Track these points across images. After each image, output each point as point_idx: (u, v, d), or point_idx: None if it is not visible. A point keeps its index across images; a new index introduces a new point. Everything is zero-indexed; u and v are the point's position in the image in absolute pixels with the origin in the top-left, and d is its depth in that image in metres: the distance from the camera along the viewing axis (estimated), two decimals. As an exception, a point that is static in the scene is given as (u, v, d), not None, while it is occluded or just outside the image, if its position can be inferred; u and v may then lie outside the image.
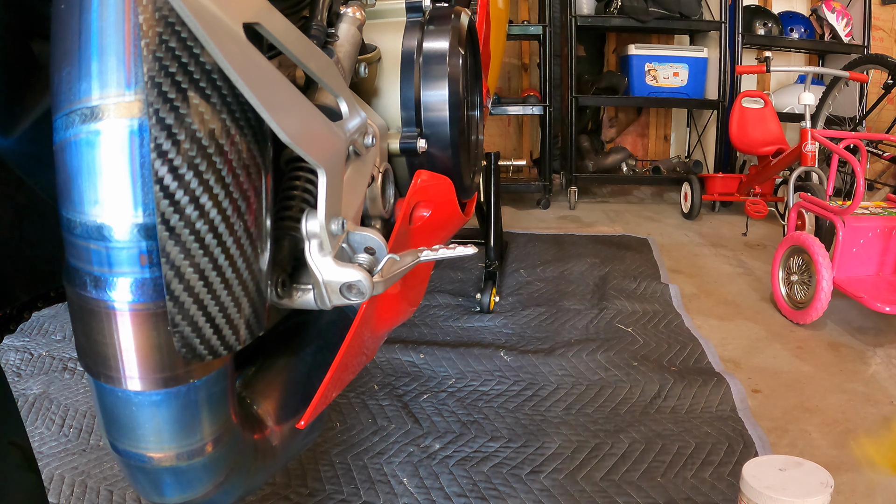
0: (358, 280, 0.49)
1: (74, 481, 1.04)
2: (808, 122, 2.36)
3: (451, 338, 1.57)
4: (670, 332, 1.61)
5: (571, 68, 3.19)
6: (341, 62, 0.60)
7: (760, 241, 2.56)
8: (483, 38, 1.11)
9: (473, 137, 0.91)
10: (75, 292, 0.40)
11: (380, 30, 0.72)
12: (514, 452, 1.11)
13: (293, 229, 0.52)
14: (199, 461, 0.44)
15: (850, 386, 1.35)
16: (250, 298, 0.43)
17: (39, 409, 1.27)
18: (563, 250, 2.32)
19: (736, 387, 1.30)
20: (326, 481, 1.04)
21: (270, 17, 0.40)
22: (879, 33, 3.46)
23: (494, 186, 1.93)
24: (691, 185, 2.91)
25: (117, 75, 0.37)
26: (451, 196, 0.77)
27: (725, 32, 3.17)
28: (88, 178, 0.38)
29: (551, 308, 1.75)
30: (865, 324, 1.68)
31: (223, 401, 0.46)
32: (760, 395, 1.32)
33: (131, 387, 0.41)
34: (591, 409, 1.24)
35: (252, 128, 0.42)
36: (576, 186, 3.20)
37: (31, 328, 1.64)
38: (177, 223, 0.38)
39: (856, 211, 1.66)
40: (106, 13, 0.37)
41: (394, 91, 0.70)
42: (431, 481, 1.04)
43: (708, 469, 1.05)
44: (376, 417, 1.22)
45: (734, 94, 3.12)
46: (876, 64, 2.51)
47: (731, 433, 1.14)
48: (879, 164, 3.15)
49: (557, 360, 1.42)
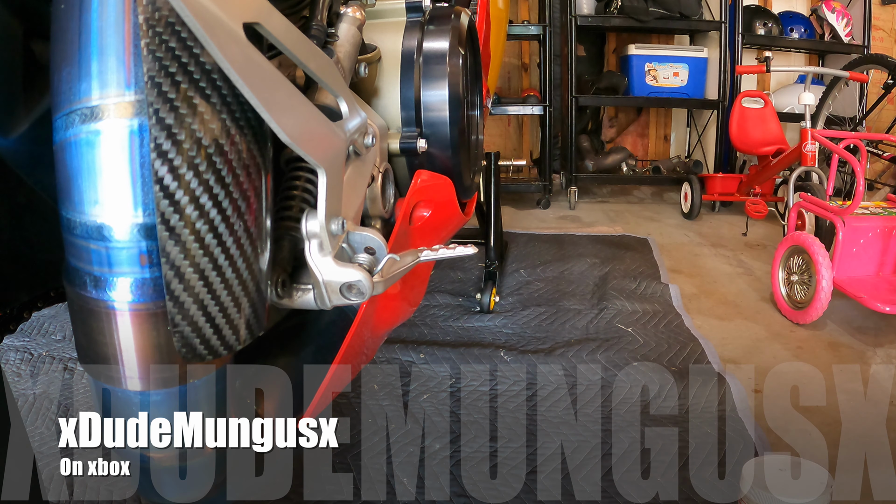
0: (358, 280, 0.49)
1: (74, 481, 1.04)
2: (808, 122, 2.36)
3: (451, 338, 1.57)
4: (670, 332, 1.61)
5: (571, 68, 3.19)
6: (341, 62, 0.60)
7: (760, 241, 2.56)
8: (483, 38, 1.11)
9: (473, 137, 0.91)
10: (75, 292, 0.40)
11: (380, 30, 0.72)
12: (514, 452, 1.11)
13: (293, 229, 0.52)
14: (199, 461, 0.44)
15: (850, 386, 1.35)
16: (250, 298, 0.43)
17: (39, 409, 1.27)
18: (563, 250, 2.32)
19: (736, 387, 1.30)
20: (326, 481, 1.04)
21: (270, 17, 0.40)
22: (879, 33, 3.46)
23: (494, 186, 1.93)
24: (691, 185, 2.91)
25: (117, 75, 0.37)
26: (451, 196, 0.77)
27: (725, 32, 3.17)
28: (88, 178, 0.38)
29: (551, 308, 1.75)
30: (865, 324, 1.68)
31: (223, 401, 0.46)
32: (760, 394, 1.32)
33: (131, 387, 0.41)
34: (591, 409, 1.24)
35: (252, 128, 0.42)
36: (576, 186, 3.20)
37: (31, 328, 1.63)
38: (177, 223, 0.38)
39: (856, 211, 1.66)
40: (106, 13, 0.37)
41: (394, 91, 0.70)
42: (431, 481, 1.04)
43: (708, 469, 1.05)
44: (376, 417, 1.22)
45: (734, 94, 3.12)
46: (876, 64, 2.51)
47: (731, 433, 1.14)
48: (879, 164, 3.15)
49: (557, 360, 1.42)
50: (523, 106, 3.18)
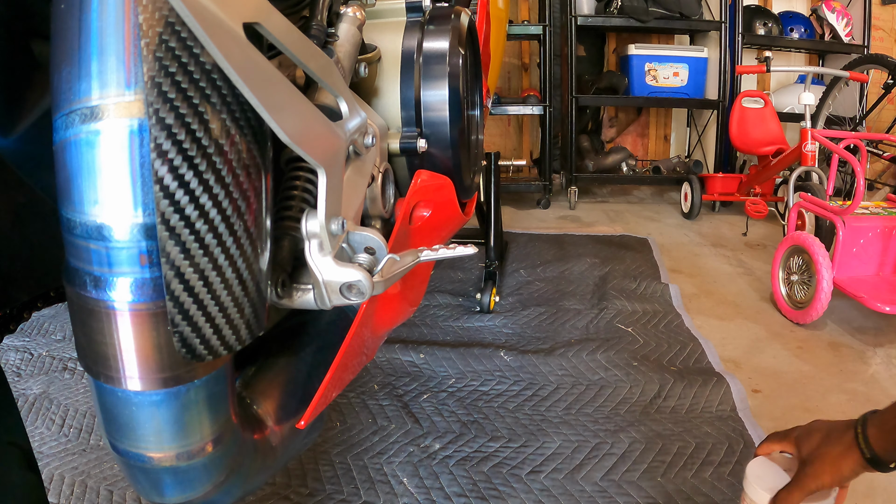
0: (358, 280, 0.49)
1: (74, 481, 1.04)
2: (808, 122, 2.36)
3: (451, 338, 1.57)
4: (670, 332, 1.61)
5: (571, 68, 3.19)
6: (341, 62, 0.60)
7: (760, 241, 2.56)
8: (483, 38, 1.11)
9: (473, 137, 0.91)
10: (75, 292, 0.40)
11: (380, 30, 0.72)
12: (514, 452, 1.11)
13: (293, 229, 0.52)
14: (199, 461, 0.44)
15: (850, 386, 1.35)
16: (250, 298, 0.43)
17: (39, 409, 1.27)
18: (563, 250, 2.32)
19: (736, 387, 1.30)
20: (326, 481, 1.04)
21: (270, 17, 0.40)
22: (879, 33, 3.46)
23: (494, 186, 1.93)
24: (691, 184, 2.91)
25: (117, 75, 0.37)
26: (451, 196, 0.77)
27: (725, 32, 3.17)
28: (88, 178, 0.38)
29: (551, 308, 1.75)
30: (865, 324, 1.68)
31: (223, 401, 0.46)
32: (760, 394, 1.32)
33: (131, 387, 0.41)
34: (591, 409, 1.24)
35: (252, 128, 0.42)
36: (576, 186, 3.20)
37: (31, 328, 1.63)
38: (177, 223, 0.38)
39: (856, 211, 1.66)
40: (106, 13, 0.37)
41: (394, 91, 0.70)
42: (431, 481, 1.04)
43: (708, 469, 1.05)
44: (376, 417, 1.22)
45: (734, 93, 3.12)
46: (876, 64, 2.51)
47: (731, 433, 1.14)
48: (879, 164, 3.15)
49: (557, 359, 1.42)
50: (523, 106, 3.18)
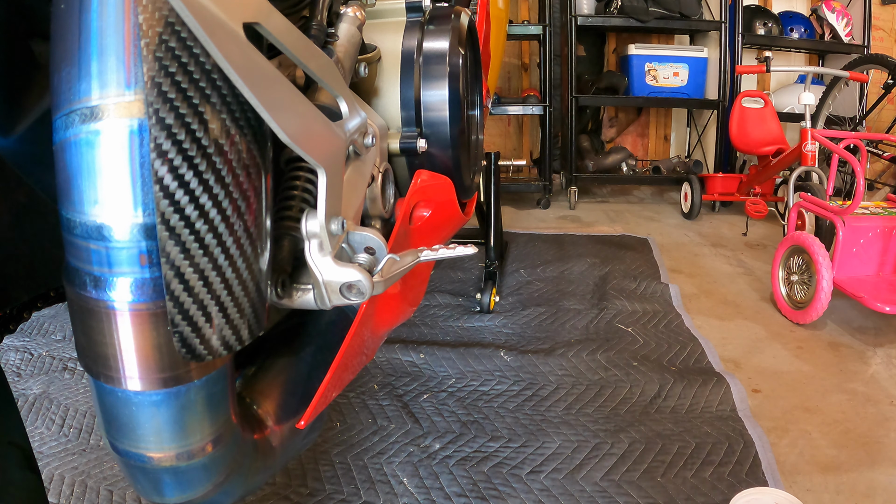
0: (358, 280, 0.49)
1: (74, 481, 1.04)
2: (808, 121, 2.36)
3: (451, 338, 1.57)
4: (670, 332, 1.61)
5: (571, 68, 3.19)
6: (341, 62, 0.60)
7: (760, 241, 2.56)
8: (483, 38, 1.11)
9: (473, 137, 0.91)
10: (75, 292, 0.40)
11: (380, 30, 0.72)
12: (514, 452, 1.11)
13: (293, 229, 0.52)
14: (199, 461, 0.44)
15: (850, 386, 1.35)
16: (250, 298, 0.43)
17: (39, 409, 1.27)
18: (563, 250, 2.32)
19: (736, 387, 1.30)
20: (326, 481, 1.04)
21: (270, 17, 0.40)
22: (879, 33, 3.46)
23: (494, 186, 1.93)
24: (691, 184, 2.91)
25: (117, 75, 0.37)
26: (451, 196, 0.77)
27: (725, 32, 3.17)
28: (88, 178, 0.38)
29: (551, 308, 1.75)
30: (865, 324, 1.68)
31: (223, 401, 0.46)
32: (760, 394, 1.32)
33: (131, 387, 0.41)
34: (591, 409, 1.24)
35: (252, 128, 0.42)
36: (576, 186, 3.20)
37: (31, 328, 1.63)
38: (177, 223, 0.38)
39: (856, 211, 1.66)
40: (106, 13, 0.37)
41: (394, 91, 0.70)
42: (431, 481, 1.04)
43: (708, 469, 1.05)
44: (376, 417, 1.22)
45: (734, 93, 3.12)
46: (876, 64, 2.51)
47: (731, 433, 1.14)
48: (879, 164, 3.15)
49: (557, 360, 1.42)
50: (523, 106, 3.18)
